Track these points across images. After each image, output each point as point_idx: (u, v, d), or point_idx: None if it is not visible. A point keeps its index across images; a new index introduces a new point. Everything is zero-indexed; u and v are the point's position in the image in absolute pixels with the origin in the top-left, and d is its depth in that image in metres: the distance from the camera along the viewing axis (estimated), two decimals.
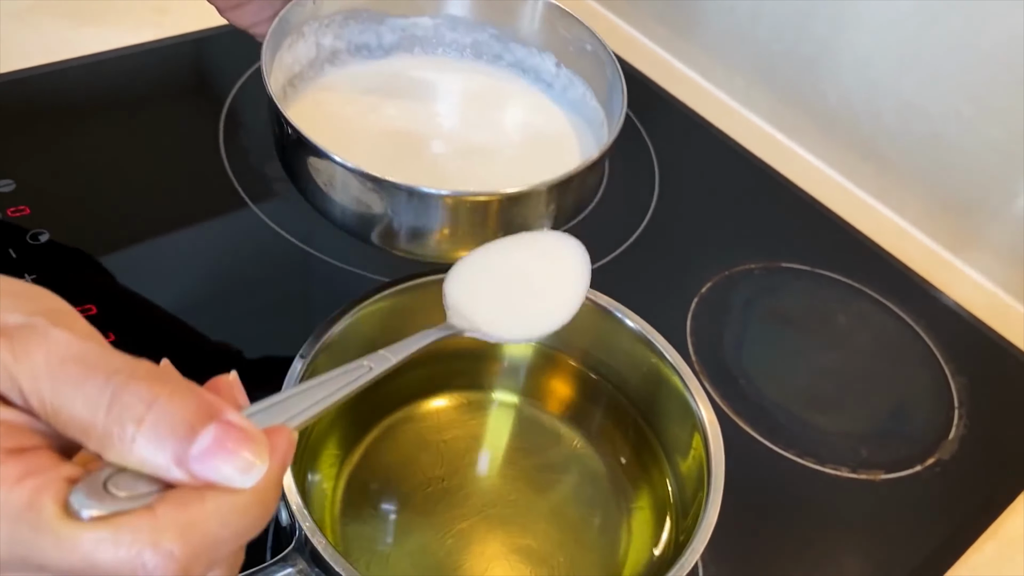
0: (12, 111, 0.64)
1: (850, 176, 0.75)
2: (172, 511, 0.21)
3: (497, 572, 0.41)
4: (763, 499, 0.51)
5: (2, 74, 0.65)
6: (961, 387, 0.60)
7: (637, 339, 0.45)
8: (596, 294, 0.46)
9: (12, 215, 0.57)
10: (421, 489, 0.43)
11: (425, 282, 0.44)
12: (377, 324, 0.43)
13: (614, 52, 0.50)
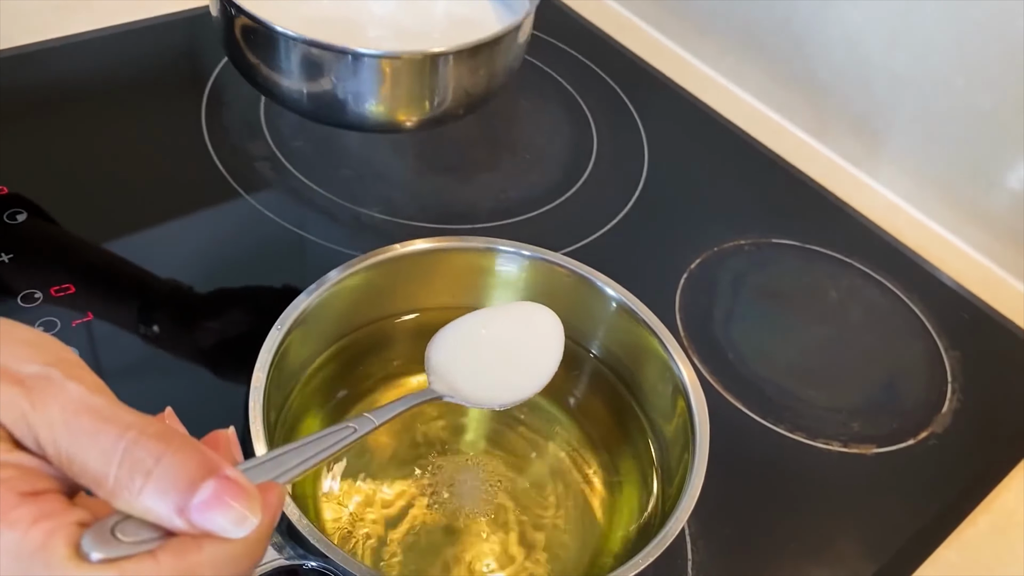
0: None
1: (841, 151, 0.74)
2: (172, 558, 0.23)
3: (482, 546, 0.41)
4: (753, 474, 0.51)
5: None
6: (954, 361, 0.59)
7: (616, 305, 0.44)
8: (575, 263, 0.45)
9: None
10: (401, 465, 0.43)
11: (394, 256, 0.43)
12: (350, 297, 0.43)
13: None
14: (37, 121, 0.62)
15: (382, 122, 0.47)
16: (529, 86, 0.74)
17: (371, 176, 0.63)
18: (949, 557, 0.49)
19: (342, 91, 0.45)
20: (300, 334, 0.40)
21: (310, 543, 0.34)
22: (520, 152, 0.68)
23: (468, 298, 0.46)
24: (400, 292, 0.46)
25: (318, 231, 0.58)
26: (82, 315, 0.51)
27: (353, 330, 0.46)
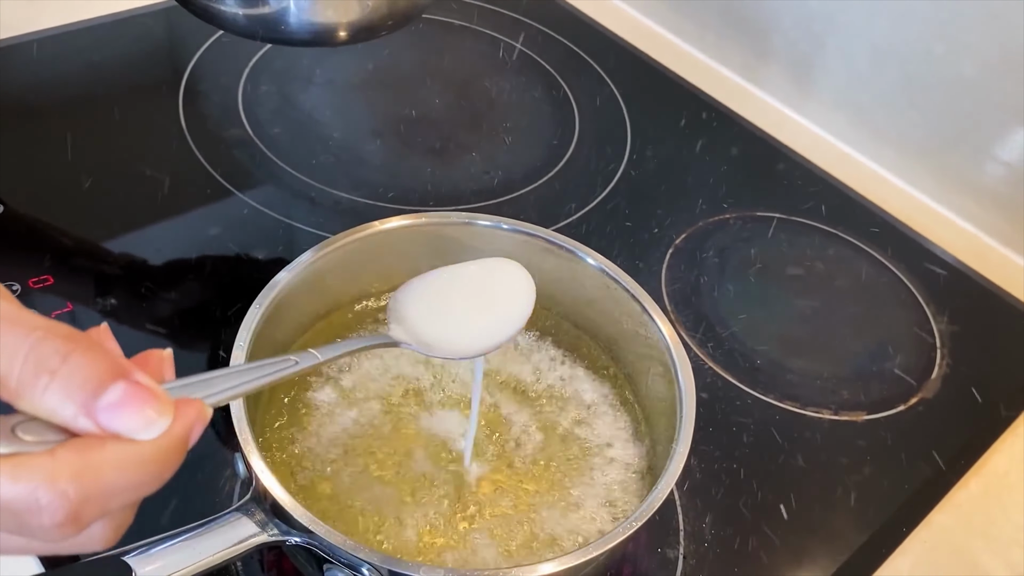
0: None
1: (824, 125, 0.74)
2: (71, 454, 0.22)
3: (471, 511, 0.40)
4: (744, 444, 0.50)
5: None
6: (943, 327, 0.59)
7: (599, 274, 0.44)
8: (553, 234, 0.45)
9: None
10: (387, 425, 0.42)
11: (372, 233, 0.44)
12: (329, 276, 0.43)
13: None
14: (12, 117, 0.61)
15: (314, 28, 0.45)
16: (509, 68, 0.74)
17: (352, 161, 0.63)
18: (942, 521, 0.49)
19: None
20: (279, 312, 0.40)
21: (294, 519, 0.33)
22: (501, 133, 0.67)
23: None
24: (380, 270, 0.45)
25: (299, 216, 0.58)
26: (62, 306, 0.50)
27: (333, 309, 0.45)
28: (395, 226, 0.44)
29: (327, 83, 0.69)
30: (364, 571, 0.33)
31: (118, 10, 0.70)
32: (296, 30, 0.46)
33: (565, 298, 0.47)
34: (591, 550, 0.33)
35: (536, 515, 0.40)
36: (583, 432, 0.43)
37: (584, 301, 0.46)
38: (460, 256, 0.43)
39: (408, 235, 0.44)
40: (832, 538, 0.47)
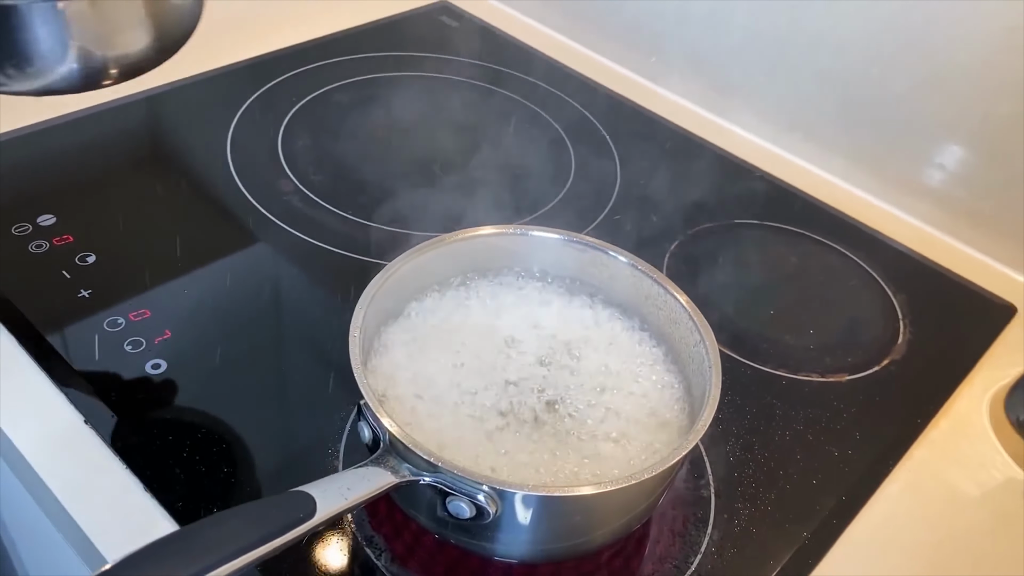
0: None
1: (780, 143, 0.85)
2: None
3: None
4: (751, 405, 0.60)
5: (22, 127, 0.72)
6: (902, 302, 0.70)
7: (630, 267, 0.54)
8: (594, 240, 0.55)
9: (58, 243, 0.63)
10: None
11: (451, 241, 0.53)
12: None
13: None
14: (88, 180, 0.70)
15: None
16: (509, 115, 0.84)
17: (385, 199, 0.72)
18: (921, 454, 0.59)
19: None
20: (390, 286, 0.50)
21: (422, 461, 0.42)
22: (510, 170, 0.77)
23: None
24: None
25: (350, 247, 0.67)
26: (161, 334, 0.59)
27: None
28: (473, 235, 0.54)
29: (352, 136, 0.79)
30: (480, 497, 0.42)
31: (158, 84, 0.80)
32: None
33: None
34: (669, 459, 0.42)
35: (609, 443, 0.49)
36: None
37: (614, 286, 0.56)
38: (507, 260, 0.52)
39: (478, 243, 0.54)
40: (834, 473, 0.56)
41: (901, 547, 0.54)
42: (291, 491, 0.39)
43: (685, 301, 0.52)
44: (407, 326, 0.53)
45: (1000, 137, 0.72)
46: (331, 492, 0.39)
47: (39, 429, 0.53)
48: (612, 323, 0.55)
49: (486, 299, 0.55)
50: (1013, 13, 0.68)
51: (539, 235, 0.55)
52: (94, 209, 0.67)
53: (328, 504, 0.39)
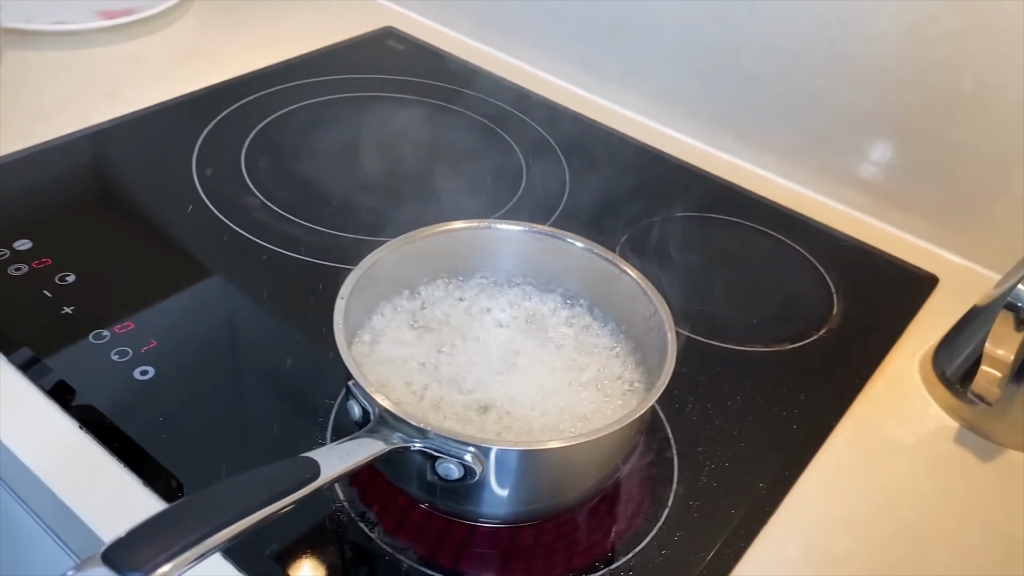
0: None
1: (713, 143, 0.91)
2: None
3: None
4: (706, 376, 0.65)
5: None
6: (835, 278, 0.76)
7: (588, 252, 0.58)
8: (551, 229, 0.59)
9: (36, 266, 0.66)
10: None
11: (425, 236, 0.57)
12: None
13: None
14: (61, 207, 0.72)
15: None
16: (459, 128, 0.89)
17: (350, 210, 0.76)
18: (860, 411, 0.65)
19: None
20: (367, 280, 0.54)
21: (412, 428, 0.46)
22: (465, 178, 0.82)
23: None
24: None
25: (318, 254, 0.70)
26: (147, 343, 0.61)
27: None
28: (444, 230, 0.58)
29: (313, 154, 0.82)
30: (467, 458, 0.46)
31: (120, 114, 0.83)
32: None
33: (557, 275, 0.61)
34: (638, 410, 0.47)
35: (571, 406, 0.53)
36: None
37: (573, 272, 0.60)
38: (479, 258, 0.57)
39: (447, 237, 0.58)
40: (784, 431, 0.62)
41: (848, 492, 0.59)
42: (297, 457, 0.42)
43: (638, 276, 0.56)
44: (380, 323, 0.57)
45: (912, 124, 0.79)
46: (332, 457, 0.43)
47: (36, 438, 0.55)
48: (573, 308, 0.60)
49: (456, 296, 0.60)
50: (915, 10, 0.75)
51: (504, 228, 0.59)
52: (69, 233, 0.70)
53: (330, 467, 0.42)
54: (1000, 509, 0.59)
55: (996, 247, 0.78)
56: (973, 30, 0.73)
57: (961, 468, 0.62)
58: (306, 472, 0.41)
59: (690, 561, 0.52)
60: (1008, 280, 0.63)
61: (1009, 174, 0.76)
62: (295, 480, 0.40)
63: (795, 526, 0.56)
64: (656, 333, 0.55)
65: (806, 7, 0.80)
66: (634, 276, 0.57)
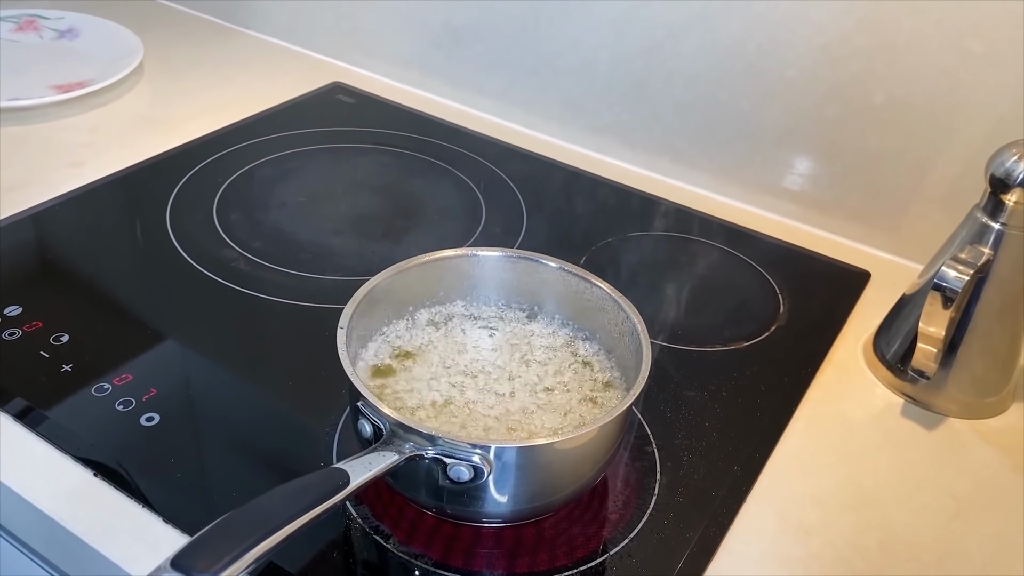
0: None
1: (652, 168, 0.97)
2: None
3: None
4: (674, 377, 0.70)
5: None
6: (779, 281, 0.82)
7: (565, 273, 0.64)
8: (529, 252, 0.64)
9: (29, 329, 0.68)
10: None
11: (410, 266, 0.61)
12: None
13: None
14: (44, 271, 0.75)
15: None
16: (417, 172, 0.94)
17: (326, 254, 0.80)
18: (816, 395, 0.71)
19: None
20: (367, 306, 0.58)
21: (424, 436, 0.50)
22: (429, 216, 0.87)
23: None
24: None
25: (301, 297, 0.74)
26: (148, 392, 0.64)
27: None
28: (434, 258, 0.63)
29: (281, 205, 0.86)
30: (476, 459, 0.50)
31: (85, 183, 0.86)
32: None
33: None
34: (627, 400, 0.52)
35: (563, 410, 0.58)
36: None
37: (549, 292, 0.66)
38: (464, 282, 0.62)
39: (435, 264, 0.63)
40: (749, 420, 0.67)
41: (813, 468, 0.65)
42: (329, 467, 0.46)
43: (608, 288, 0.62)
44: (374, 349, 0.62)
45: (831, 136, 0.87)
46: (358, 467, 0.47)
47: (52, 488, 0.57)
48: (552, 322, 0.65)
49: (444, 318, 0.65)
50: (825, 32, 0.83)
51: (484, 254, 0.64)
52: (56, 296, 0.73)
53: (358, 475, 0.46)
54: (948, 470, 0.66)
55: (916, 241, 0.86)
56: (879, 48, 0.81)
57: (910, 437, 0.68)
58: (338, 480, 0.45)
59: (681, 540, 0.57)
60: (931, 267, 0.71)
61: (922, 175, 0.84)
62: (329, 487, 0.44)
63: (769, 502, 0.61)
64: (629, 338, 0.60)
65: (726, 37, 0.88)
66: (606, 289, 0.62)
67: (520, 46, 1.00)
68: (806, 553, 0.58)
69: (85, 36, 1.11)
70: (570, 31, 0.96)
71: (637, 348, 0.59)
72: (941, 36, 0.78)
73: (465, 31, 1.03)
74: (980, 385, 0.70)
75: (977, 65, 0.77)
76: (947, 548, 0.60)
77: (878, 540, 0.60)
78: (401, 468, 0.50)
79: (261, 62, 1.13)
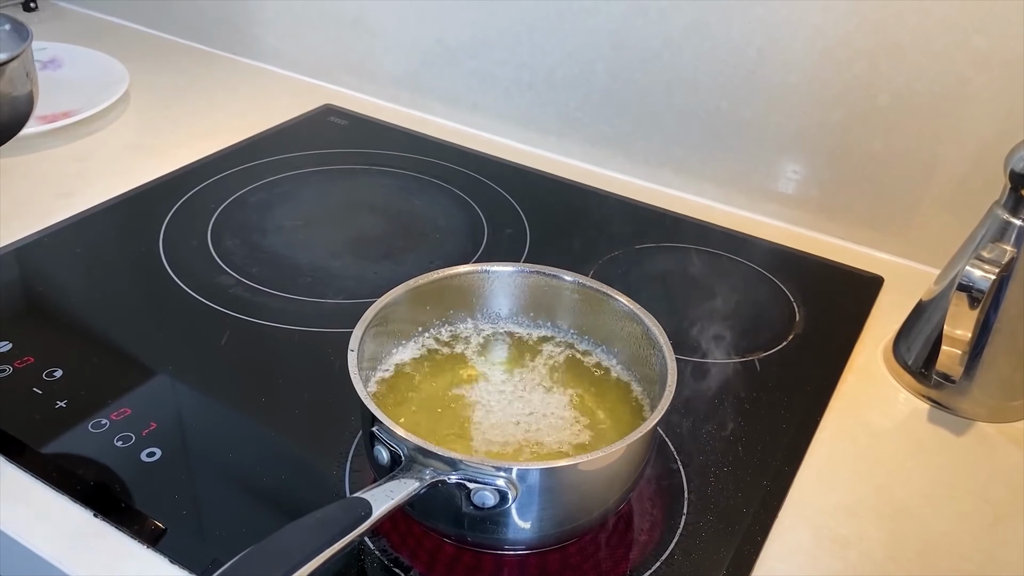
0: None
1: (655, 180, 0.96)
2: None
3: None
4: (691, 391, 0.68)
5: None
6: (792, 289, 0.80)
7: (581, 287, 0.61)
8: (542, 266, 0.62)
9: (20, 365, 0.66)
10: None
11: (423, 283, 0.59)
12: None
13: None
14: (33, 306, 0.72)
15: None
16: (415, 191, 0.92)
17: (326, 277, 0.77)
18: (838, 405, 0.69)
19: None
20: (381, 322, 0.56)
21: (445, 460, 0.47)
22: (430, 235, 0.85)
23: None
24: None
25: (302, 322, 0.72)
26: (147, 426, 0.62)
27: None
28: (445, 275, 0.61)
29: (278, 229, 0.84)
30: (501, 483, 0.47)
31: (77, 211, 0.83)
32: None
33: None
34: (653, 418, 0.50)
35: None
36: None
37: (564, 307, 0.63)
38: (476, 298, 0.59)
39: (447, 281, 0.61)
40: (775, 432, 0.65)
41: (843, 479, 0.62)
42: (350, 497, 0.43)
43: (628, 301, 0.60)
44: (385, 371, 0.59)
45: (836, 140, 0.85)
46: (379, 496, 0.44)
47: (52, 531, 0.54)
48: (567, 336, 0.63)
49: (458, 336, 0.62)
50: (826, 35, 0.81)
51: (496, 269, 0.62)
52: (47, 330, 0.70)
53: (379, 504, 0.44)
54: (981, 476, 0.64)
55: (927, 244, 0.84)
56: (881, 48, 0.80)
57: (938, 443, 0.66)
58: (360, 510, 0.42)
59: (715, 560, 0.55)
60: (952, 268, 0.69)
61: (930, 176, 0.82)
62: (351, 519, 0.42)
63: (802, 516, 0.59)
64: (650, 352, 0.58)
65: (725, 44, 0.86)
66: (625, 302, 0.60)
67: (514, 61, 0.98)
68: (845, 566, 0.56)
69: (69, 66, 1.09)
70: (565, 44, 0.94)
71: (659, 362, 0.57)
72: (946, 34, 0.77)
73: (458, 48, 1.01)
74: (1007, 387, 0.68)
75: (983, 61, 0.76)
76: (989, 555, 0.57)
77: (917, 550, 0.57)
78: (420, 495, 0.47)
79: (249, 87, 1.11)
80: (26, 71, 0.59)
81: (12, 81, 0.59)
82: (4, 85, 0.58)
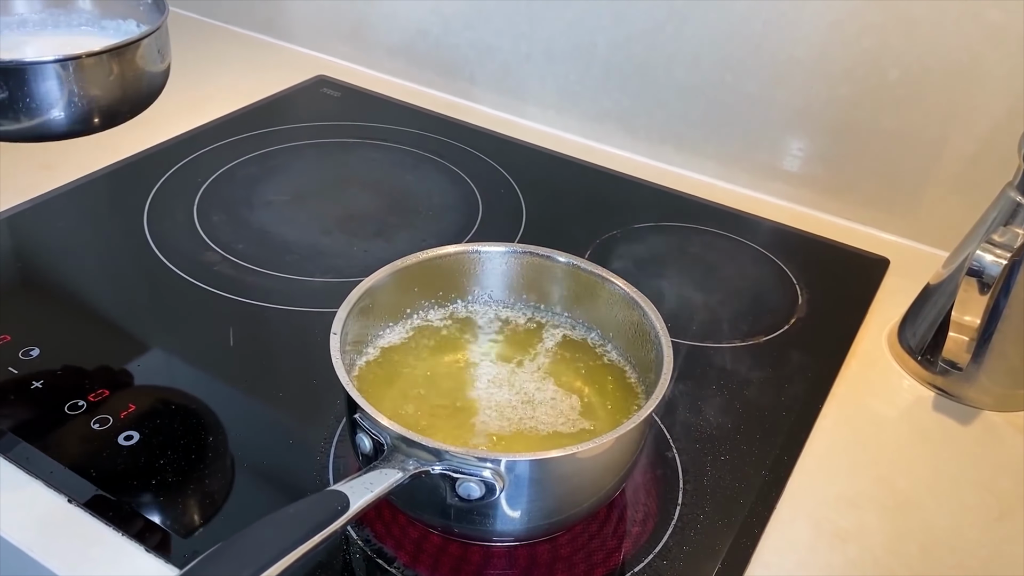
0: None
1: (655, 156, 0.93)
2: None
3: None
4: (689, 376, 0.66)
5: None
6: (795, 270, 0.78)
7: (573, 268, 0.59)
8: (535, 247, 0.60)
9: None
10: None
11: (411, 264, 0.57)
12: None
13: None
14: (10, 283, 0.70)
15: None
16: (408, 166, 0.89)
17: (314, 255, 0.75)
18: (841, 391, 0.66)
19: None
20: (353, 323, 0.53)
21: (429, 450, 0.45)
22: (424, 211, 0.82)
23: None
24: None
25: (289, 301, 0.69)
26: (125, 408, 0.59)
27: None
28: (433, 255, 0.59)
29: (266, 204, 0.82)
30: (487, 474, 0.45)
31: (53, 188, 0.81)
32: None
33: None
34: (646, 409, 0.48)
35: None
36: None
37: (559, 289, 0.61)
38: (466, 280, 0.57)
39: (435, 262, 0.59)
40: (774, 419, 0.63)
41: (845, 469, 0.60)
42: (325, 490, 0.41)
43: (624, 284, 0.57)
44: (372, 354, 0.57)
45: (844, 116, 0.83)
46: (357, 488, 0.42)
47: (23, 518, 0.53)
48: (560, 319, 0.61)
49: (446, 319, 0.60)
50: (835, 9, 0.78)
51: (487, 249, 0.59)
52: (25, 307, 0.68)
53: (358, 497, 0.42)
54: (986, 467, 0.61)
55: (935, 225, 0.82)
56: (892, 22, 0.77)
57: (943, 433, 0.64)
58: (336, 504, 0.40)
59: (710, 553, 0.53)
60: (961, 252, 0.67)
61: (939, 154, 0.80)
62: (327, 513, 0.40)
63: (801, 507, 0.57)
64: (646, 337, 0.56)
65: (730, 16, 0.83)
66: (621, 285, 0.57)
67: (512, 31, 0.95)
68: (844, 561, 0.54)
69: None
70: (565, 14, 0.91)
71: (655, 348, 0.54)
72: (960, 6, 0.74)
73: (453, 17, 0.98)
74: (1015, 375, 0.66)
75: (999, 36, 0.73)
76: (994, 551, 0.56)
77: (919, 545, 0.55)
78: (403, 486, 0.45)
79: (240, 57, 1.08)
80: (159, 47, 0.60)
81: (146, 57, 0.61)
82: (140, 60, 0.60)
